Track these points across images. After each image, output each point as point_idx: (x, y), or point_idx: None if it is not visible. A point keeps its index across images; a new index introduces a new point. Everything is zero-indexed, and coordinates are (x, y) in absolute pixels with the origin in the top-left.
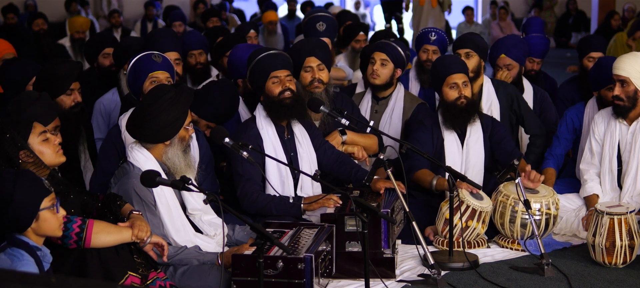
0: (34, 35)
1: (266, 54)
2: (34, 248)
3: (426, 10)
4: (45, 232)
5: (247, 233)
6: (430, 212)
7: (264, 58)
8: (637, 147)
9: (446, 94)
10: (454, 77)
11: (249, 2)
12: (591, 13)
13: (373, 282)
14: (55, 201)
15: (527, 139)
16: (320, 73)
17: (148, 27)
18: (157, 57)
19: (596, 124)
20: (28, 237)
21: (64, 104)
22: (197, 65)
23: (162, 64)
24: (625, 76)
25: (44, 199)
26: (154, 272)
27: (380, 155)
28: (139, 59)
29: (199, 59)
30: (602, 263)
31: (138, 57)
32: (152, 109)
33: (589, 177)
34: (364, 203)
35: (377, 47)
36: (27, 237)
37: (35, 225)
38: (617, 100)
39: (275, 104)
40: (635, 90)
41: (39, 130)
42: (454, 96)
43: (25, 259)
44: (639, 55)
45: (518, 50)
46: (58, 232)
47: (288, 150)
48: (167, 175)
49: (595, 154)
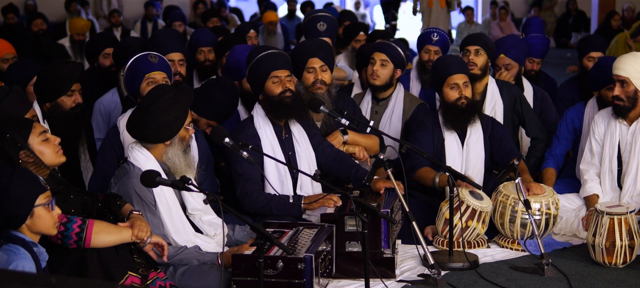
0: (33, 35)
1: (266, 53)
2: (30, 244)
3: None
4: (39, 229)
5: (247, 233)
6: (430, 212)
7: (264, 57)
8: (637, 147)
9: (447, 94)
10: (454, 78)
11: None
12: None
13: (373, 282)
14: (50, 198)
15: (528, 140)
16: (322, 74)
17: (148, 27)
18: (154, 58)
19: (596, 124)
20: (24, 233)
21: (65, 105)
22: (206, 62)
23: (159, 65)
24: (625, 76)
25: (40, 196)
26: (154, 272)
27: (380, 155)
28: (136, 60)
29: (208, 56)
30: (602, 263)
31: (135, 58)
32: (153, 109)
33: (589, 177)
34: (364, 203)
35: (377, 48)
36: (23, 233)
37: (29, 222)
38: (617, 101)
39: (275, 104)
40: (635, 90)
41: (39, 130)
42: (454, 96)
43: (22, 254)
44: (639, 55)
45: (517, 51)
46: (52, 230)
47: (286, 149)
48: (167, 175)
49: (595, 154)
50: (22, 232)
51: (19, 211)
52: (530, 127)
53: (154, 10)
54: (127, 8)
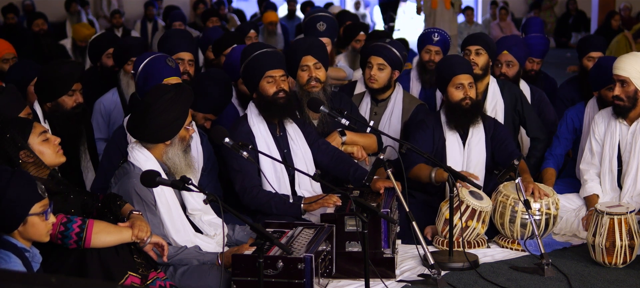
0: (34, 35)
1: (261, 52)
2: (21, 250)
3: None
4: (31, 236)
5: (247, 233)
6: (430, 212)
7: (259, 56)
8: (638, 147)
9: (452, 94)
10: (460, 78)
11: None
12: (591, 13)
13: (373, 282)
14: (47, 207)
15: (528, 140)
16: (317, 72)
17: (148, 27)
18: (171, 62)
19: (596, 124)
20: (15, 239)
21: (66, 105)
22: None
23: (176, 70)
24: (625, 76)
25: (36, 204)
26: (154, 272)
27: (380, 155)
28: (152, 62)
29: None
30: (602, 263)
31: (151, 59)
32: (153, 109)
33: (589, 177)
34: (364, 203)
35: (373, 51)
36: (15, 239)
37: (22, 229)
38: (617, 100)
39: (268, 103)
40: (636, 90)
41: (40, 130)
42: (459, 97)
43: (13, 261)
44: (639, 55)
45: (519, 50)
46: (45, 238)
47: (281, 147)
48: (167, 175)
49: (595, 154)
50: (14, 237)
51: (11, 216)
52: (530, 127)
53: (154, 10)
54: (127, 8)
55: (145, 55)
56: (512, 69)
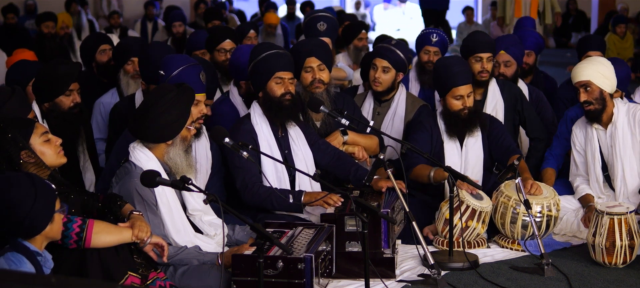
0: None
1: (272, 52)
2: (34, 254)
3: None
4: (54, 235)
5: (247, 233)
6: (430, 212)
7: (269, 56)
8: (618, 148)
9: (450, 103)
10: (460, 90)
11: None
12: (591, 13)
13: (373, 282)
14: (61, 204)
15: (527, 141)
16: (320, 73)
17: (148, 27)
18: (203, 77)
19: (575, 135)
20: (30, 242)
21: (64, 105)
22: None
23: (205, 86)
24: (586, 80)
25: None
26: (154, 272)
27: (381, 155)
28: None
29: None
30: (602, 263)
31: (187, 68)
32: (154, 109)
33: (580, 183)
34: (364, 203)
35: (377, 53)
36: (30, 242)
37: (48, 228)
38: (587, 106)
39: (274, 104)
40: (600, 90)
41: (41, 130)
42: (457, 107)
43: (24, 264)
44: (593, 59)
45: (516, 49)
46: (59, 235)
47: (282, 147)
48: (168, 175)
49: (579, 165)
50: (31, 240)
51: (38, 224)
52: (531, 127)
53: (154, 10)
54: (127, 8)
55: (178, 59)
56: (510, 69)
